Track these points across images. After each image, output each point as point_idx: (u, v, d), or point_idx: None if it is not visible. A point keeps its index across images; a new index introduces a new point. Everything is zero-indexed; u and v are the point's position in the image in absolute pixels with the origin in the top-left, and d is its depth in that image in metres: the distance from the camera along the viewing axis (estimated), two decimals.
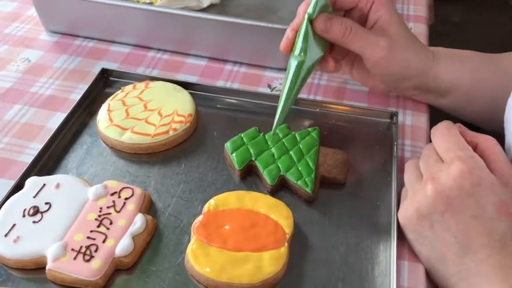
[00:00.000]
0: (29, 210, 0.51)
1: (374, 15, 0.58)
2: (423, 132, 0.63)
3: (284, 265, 0.48)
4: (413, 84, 0.62)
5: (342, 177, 0.56)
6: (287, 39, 0.57)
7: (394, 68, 0.60)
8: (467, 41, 0.80)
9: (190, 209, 0.54)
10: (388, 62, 0.59)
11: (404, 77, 0.61)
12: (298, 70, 0.54)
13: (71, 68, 0.71)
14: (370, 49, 0.58)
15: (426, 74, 0.61)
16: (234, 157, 0.57)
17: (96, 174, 0.57)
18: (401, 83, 0.63)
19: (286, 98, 0.55)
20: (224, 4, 0.82)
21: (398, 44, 0.58)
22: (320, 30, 0.55)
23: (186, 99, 0.63)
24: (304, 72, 0.55)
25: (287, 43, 0.57)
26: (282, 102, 0.55)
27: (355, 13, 0.59)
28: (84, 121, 0.63)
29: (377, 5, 0.58)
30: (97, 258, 0.48)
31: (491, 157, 0.48)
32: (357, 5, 0.58)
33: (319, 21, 0.55)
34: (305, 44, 0.55)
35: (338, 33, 0.55)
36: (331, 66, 0.58)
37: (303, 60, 0.54)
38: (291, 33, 0.57)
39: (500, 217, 0.45)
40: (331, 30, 0.55)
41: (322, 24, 0.55)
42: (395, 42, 0.58)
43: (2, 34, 0.78)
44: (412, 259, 0.51)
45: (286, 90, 0.55)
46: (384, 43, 0.57)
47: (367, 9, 0.58)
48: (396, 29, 0.58)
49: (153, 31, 0.73)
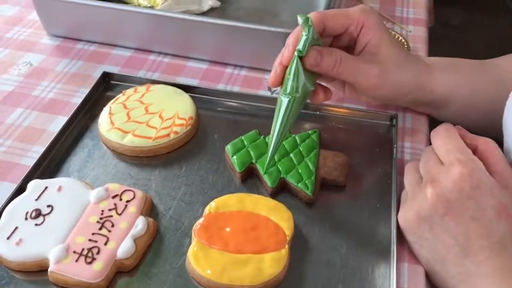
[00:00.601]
0: (31, 213, 0.51)
1: (363, 38, 0.57)
2: (423, 135, 0.64)
3: (285, 267, 0.49)
4: (409, 100, 0.62)
5: (342, 180, 0.56)
6: (275, 74, 0.56)
7: (387, 91, 0.59)
8: (467, 43, 0.81)
9: (191, 212, 0.54)
10: (380, 87, 0.58)
11: (399, 96, 0.61)
12: (290, 107, 0.53)
13: (73, 72, 0.72)
14: (361, 78, 0.57)
15: (422, 88, 0.61)
16: (235, 160, 0.57)
17: (98, 177, 0.57)
18: (395, 100, 0.63)
19: (278, 134, 0.54)
20: (224, 8, 0.82)
21: (389, 68, 0.57)
22: (310, 65, 0.54)
23: (186, 102, 0.64)
24: (296, 107, 0.54)
25: (276, 78, 0.56)
26: (274, 138, 0.54)
27: (345, 38, 0.58)
28: (85, 124, 0.64)
29: (366, 28, 0.57)
30: (99, 260, 0.48)
31: (491, 160, 0.48)
32: (347, 29, 0.57)
33: (309, 57, 0.54)
34: (296, 82, 0.54)
35: (328, 66, 0.55)
36: (322, 97, 0.58)
37: (295, 98, 0.54)
38: (280, 68, 0.55)
39: (499, 219, 0.46)
40: (322, 64, 0.54)
41: (313, 59, 0.54)
42: (386, 67, 0.57)
43: (4, 38, 0.78)
44: (412, 261, 0.51)
45: (278, 127, 0.54)
46: (375, 70, 0.57)
47: (356, 33, 0.57)
48: (386, 51, 0.57)
49: (154, 35, 0.73)
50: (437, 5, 1.12)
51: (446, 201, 0.46)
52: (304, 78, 0.54)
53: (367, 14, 0.57)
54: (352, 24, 0.57)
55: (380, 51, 0.57)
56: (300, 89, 0.54)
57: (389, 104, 0.65)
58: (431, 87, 0.61)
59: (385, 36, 0.58)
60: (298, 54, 0.53)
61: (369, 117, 0.65)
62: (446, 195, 0.46)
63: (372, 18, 0.57)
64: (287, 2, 0.84)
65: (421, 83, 0.60)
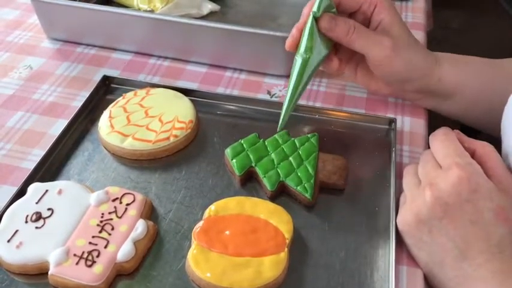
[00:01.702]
0: (32, 216, 0.52)
1: (377, 17, 0.59)
2: (421, 138, 0.64)
3: (284, 270, 0.49)
4: (417, 86, 0.63)
5: (341, 183, 0.57)
6: (292, 37, 0.58)
7: (398, 68, 0.60)
8: (467, 46, 0.81)
9: (191, 215, 0.54)
10: (391, 62, 0.59)
11: (408, 78, 0.62)
12: (303, 67, 0.56)
13: (73, 75, 0.72)
14: (373, 48, 0.58)
15: (430, 76, 0.61)
16: (234, 163, 0.57)
17: (98, 180, 0.58)
18: (404, 85, 0.63)
19: (292, 95, 0.56)
20: (224, 12, 0.83)
21: (401, 45, 0.59)
22: (324, 28, 0.56)
23: (186, 105, 0.64)
24: (310, 70, 0.56)
25: (292, 41, 0.58)
26: (287, 99, 0.56)
27: (358, 16, 0.60)
28: (85, 128, 0.64)
29: (379, 8, 0.59)
30: (99, 263, 0.48)
31: (489, 163, 0.49)
32: (360, 7, 0.59)
33: (324, 20, 0.56)
34: (310, 41, 0.56)
35: (342, 32, 0.56)
36: (336, 64, 0.59)
37: (309, 57, 0.56)
38: (296, 32, 0.58)
39: (498, 222, 0.46)
40: (336, 29, 0.56)
41: (327, 23, 0.56)
42: (398, 43, 0.59)
43: (4, 41, 0.78)
44: (411, 264, 0.51)
45: (292, 87, 0.56)
46: (388, 42, 0.58)
47: (370, 11, 0.59)
48: (399, 30, 0.59)
49: (153, 38, 0.73)
50: (437, 8, 1.12)
51: (445, 205, 0.46)
52: (318, 40, 0.56)
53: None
54: (366, 3, 0.59)
55: (393, 29, 0.59)
56: (313, 49, 0.56)
57: (397, 92, 0.65)
58: (440, 76, 0.61)
59: (397, 17, 0.60)
60: (313, 15, 0.55)
61: (367, 121, 0.65)
62: (444, 198, 0.46)
63: (385, 0, 0.59)
64: (286, 6, 0.84)
65: (430, 69, 0.61)
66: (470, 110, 0.64)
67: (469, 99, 0.63)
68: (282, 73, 0.72)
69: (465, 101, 0.63)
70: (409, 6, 0.88)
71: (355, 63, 0.63)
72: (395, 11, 0.60)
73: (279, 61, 0.70)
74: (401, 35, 0.59)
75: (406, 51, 0.59)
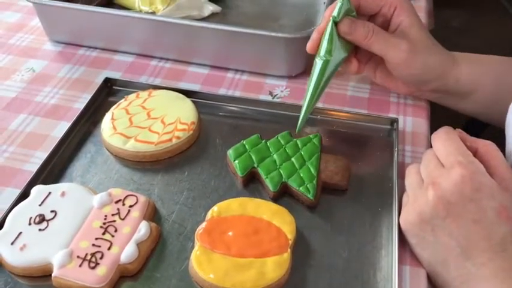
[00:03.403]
0: (35, 218, 0.52)
1: (396, 19, 0.60)
2: (423, 138, 0.64)
3: (287, 271, 0.49)
4: (435, 86, 0.64)
5: (343, 183, 0.57)
6: (312, 40, 0.59)
7: (415, 69, 0.61)
8: (468, 45, 0.81)
9: (194, 216, 0.55)
10: (409, 64, 0.60)
11: (425, 79, 0.63)
12: (323, 70, 0.57)
13: (75, 78, 0.72)
14: (391, 51, 0.59)
15: (447, 76, 0.62)
16: (237, 164, 0.58)
17: (101, 182, 0.58)
18: (422, 85, 0.64)
19: (311, 96, 0.57)
20: (225, 13, 0.83)
21: (418, 48, 0.60)
22: (344, 32, 0.57)
23: (188, 107, 0.64)
24: (329, 72, 0.57)
25: (313, 44, 0.59)
26: (307, 101, 0.57)
27: (378, 18, 0.61)
28: (88, 130, 0.64)
29: (399, 10, 0.60)
30: (102, 265, 0.48)
31: (492, 162, 0.49)
32: (380, 10, 0.60)
33: (343, 23, 0.57)
34: (330, 45, 0.57)
35: (361, 35, 0.58)
36: (355, 66, 0.61)
37: (328, 60, 0.57)
38: (317, 34, 0.59)
39: (500, 221, 0.46)
40: (355, 32, 0.57)
41: (347, 26, 0.57)
42: (415, 45, 0.60)
43: (7, 44, 0.78)
44: (414, 264, 0.51)
45: (312, 89, 0.57)
46: (405, 46, 0.59)
47: (390, 14, 0.60)
48: (417, 33, 0.60)
49: (155, 40, 0.74)
50: (438, 7, 1.12)
51: (448, 204, 0.46)
52: (338, 43, 0.57)
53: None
54: (386, 6, 0.60)
55: (411, 32, 0.60)
56: (333, 51, 0.57)
57: (415, 92, 0.66)
58: (457, 76, 0.62)
59: (416, 20, 0.61)
60: (333, 20, 0.57)
61: (370, 121, 0.65)
62: (447, 197, 0.46)
63: (404, 3, 0.61)
64: (287, 7, 0.84)
65: (447, 69, 0.62)
66: (488, 108, 0.64)
67: (486, 98, 0.64)
68: (284, 74, 0.72)
69: (483, 99, 0.64)
70: None
71: (375, 63, 0.65)
72: (414, 13, 0.61)
73: (280, 62, 0.71)
74: (419, 37, 0.60)
75: (424, 53, 0.60)
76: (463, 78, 0.62)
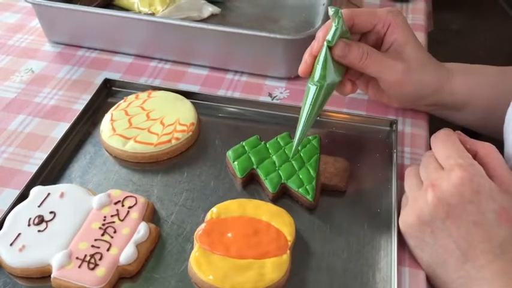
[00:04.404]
0: (34, 219, 0.52)
1: (390, 37, 0.59)
2: (423, 140, 0.64)
3: (286, 272, 0.49)
4: (429, 102, 0.63)
5: (342, 185, 0.57)
6: (305, 64, 0.57)
7: (409, 89, 0.60)
8: (467, 48, 0.81)
9: (193, 217, 0.55)
10: (402, 84, 0.60)
11: (419, 96, 0.62)
12: (317, 95, 0.55)
13: (74, 79, 0.72)
14: (386, 72, 0.58)
15: (442, 91, 0.62)
16: (236, 165, 0.58)
17: (100, 183, 0.58)
18: (416, 101, 0.64)
19: (305, 122, 0.55)
20: (225, 14, 0.83)
21: (413, 67, 0.59)
22: (338, 56, 0.56)
23: (188, 108, 0.64)
24: (323, 97, 0.56)
25: (306, 68, 0.57)
26: (301, 126, 0.56)
27: (372, 36, 0.60)
28: (87, 131, 0.64)
29: (393, 28, 0.59)
30: (101, 266, 0.48)
31: (491, 164, 0.49)
32: (374, 27, 0.59)
33: (338, 47, 0.55)
34: (324, 70, 0.55)
35: (355, 59, 0.56)
36: (349, 89, 0.59)
37: (322, 85, 0.55)
38: (309, 58, 0.57)
39: (500, 223, 0.46)
40: (349, 56, 0.56)
41: (341, 50, 0.55)
42: (410, 65, 0.59)
43: (6, 45, 0.78)
44: (413, 265, 0.51)
45: (306, 115, 0.55)
46: (400, 67, 0.58)
47: (383, 31, 0.59)
48: (411, 50, 0.59)
49: (155, 41, 0.74)
50: (437, 9, 1.13)
51: (447, 206, 0.46)
52: (332, 68, 0.56)
53: (394, 15, 0.59)
54: (380, 23, 0.59)
55: (405, 50, 0.59)
56: (327, 77, 0.55)
57: (409, 106, 0.66)
58: (451, 89, 0.62)
59: (410, 37, 0.60)
60: (328, 44, 0.55)
61: (369, 123, 0.65)
62: (447, 199, 0.46)
63: (399, 19, 0.59)
64: (287, 8, 0.84)
65: (442, 84, 0.61)
66: (484, 120, 0.64)
67: (482, 110, 0.63)
68: (283, 75, 0.72)
69: (478, 111, 0.63)
70: (409, 7, 0.89)
71: (366, 79, 0.64)
72: (409, 29, 0.60)
73: (280, 63, 0.71)
74: (413, 55, 0.59)
75: (417, 73, 0.60)
76: (458, 92, 0.62)
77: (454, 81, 0.62)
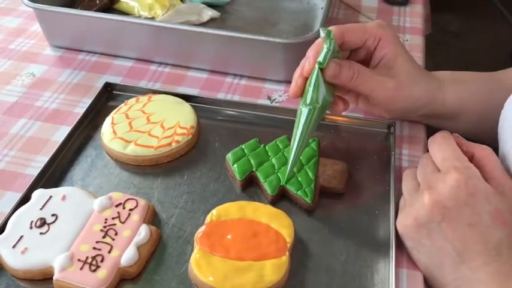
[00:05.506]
0: (36, 222, 0.52)
1: (380, 52, 0.58)
2: (420, 142, 0.64)
3: (286, 273, 0.49)
4: (422, 113, 0.63)
5: (341, 187, 0.57)
6: (296, 86, 0.57)
7: (401, 104, 0.60)
8: (466, 50, 0.82)
9: (193, 220, 0.55)
10: (394, 101, 0.59)
11: (410, 110, 0.62)
12: (310, 117, 0.54)
13: (75, 82, 0.73)
14: (377, 90, 0.58)
15: (433, 102, 0.61)
16: (235, 168, 0.58)
17: (101, 186, 0.58)
18: (408, 114, 0.64)
19: (298, 143, 0.55)
20: (224, 18, 0.83)
21: (404, 82, 0.59)
22: (330, 76, 0.55)
23: (188, 111, 0.65)
24: (316, 119, 0.55)
25: (297, 90, 0.57)
26: (294, 148, 0.55)
27: (362, 51, 0.60)
28: (88, 134, 0.64)
29: (383, 42, 0.58)
30: (103, 268, 0.49)
31: (487, 167, 0.49)
32: (364, 43, 0.58)
33: (329, 69, 0.55)
34: (316, 93, 0.55)
35: (346, 78, 0.56)
36: (341, 108, 0.59)
37: (315, 108, 0.54)
38: (300, 79, 0.56)
39: (496, 225, 0.46)
40: (340, 76, 0.55)
41: (332, 71, 0.55)
42: (401, 80, 0.58)
43: (7, 49, 0.79)
44: (411, 267, 0.52)
45: (298, 137, 0.55)
46: (391, 84, 0.58)
47: (373, 46, 0.58)
48: (401, 64, 0.59)
49: (154, 45, 0.74)
50: (436, 11, 1.13)
51: (443, 208, 0.47)
52: (324, 89, 0.55)
53: (384, 29, 0.58)
54: (370, 39, 0.58)
55: (395, 65, 0.58)
56: (320, 99, 0.55)
57: (401, 118, 0.66)
58: (443, 100, 0.61)
59: (400, 51, 0.59)
60: (319, 66, 0.54)
61: (367, 125, 0.65)
62: (443, 201, 0.47)
63: (389, 33, 0.59)
64: (286, 12, 0.85)
65: (433, 96, 0.61)
66: (477, 128, 0.63)
67: (474, 118, 0.63)
68: (282, 78, 0.72)
69: (470, 119, 0.63)
70: (407, 11, 0.89)
71: (355, 94, 0.63)
72: (398, 43, 0.59)
73: (279, 67, 0.71)
74: (403, 70, 0.59)
75: (409, 87, 0.59)
76: (449, 101, 0.61)
77: (445, 92, 0.61)
